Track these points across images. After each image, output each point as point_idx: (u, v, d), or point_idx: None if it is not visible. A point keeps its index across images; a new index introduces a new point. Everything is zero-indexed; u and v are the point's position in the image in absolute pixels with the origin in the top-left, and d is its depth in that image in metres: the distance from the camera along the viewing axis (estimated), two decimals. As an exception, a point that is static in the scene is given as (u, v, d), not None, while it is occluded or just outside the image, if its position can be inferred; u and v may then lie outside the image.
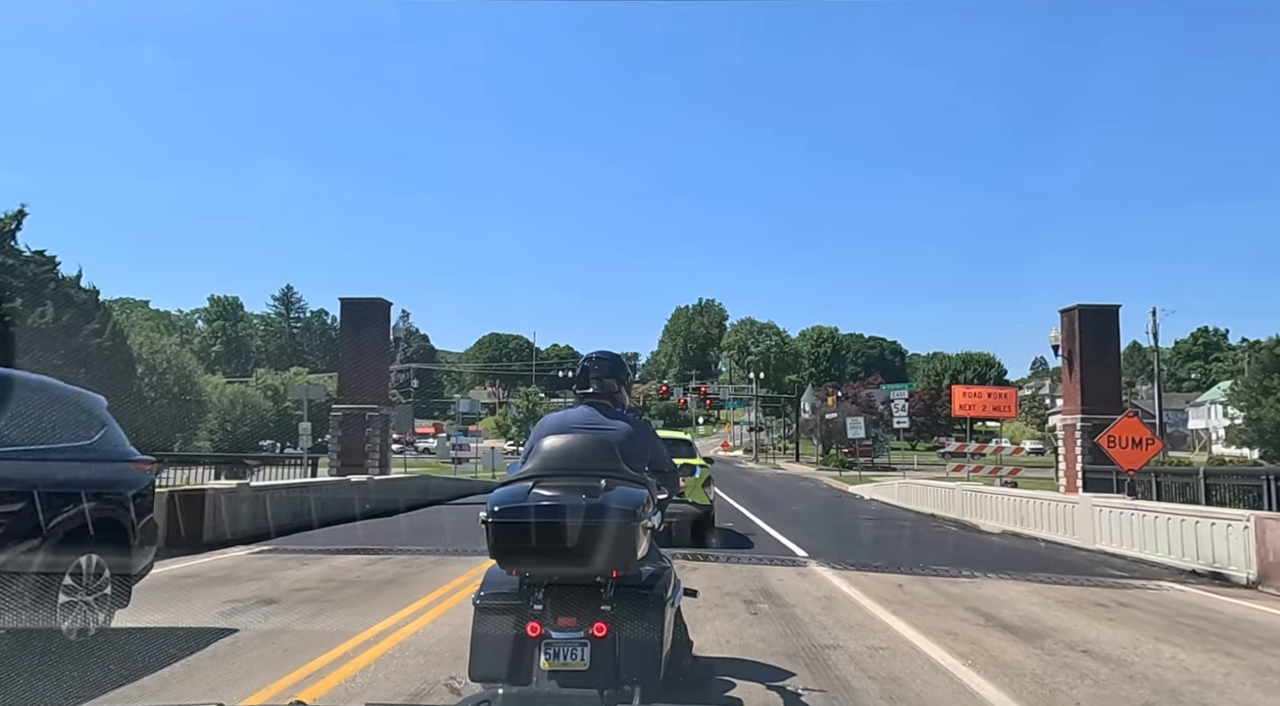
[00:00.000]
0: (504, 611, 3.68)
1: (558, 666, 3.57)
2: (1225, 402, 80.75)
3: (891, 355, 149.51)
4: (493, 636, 3.68)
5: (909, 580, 9.84)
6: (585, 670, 3.56)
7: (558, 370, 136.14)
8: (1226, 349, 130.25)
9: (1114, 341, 25.32)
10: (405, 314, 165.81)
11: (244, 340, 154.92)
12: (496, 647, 3.66)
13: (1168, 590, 9.83)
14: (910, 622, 7.09)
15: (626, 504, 3.69)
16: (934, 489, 23.41)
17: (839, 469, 56.55)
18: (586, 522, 3.57)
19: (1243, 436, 62.67)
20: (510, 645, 3.63)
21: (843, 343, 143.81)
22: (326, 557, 11.39)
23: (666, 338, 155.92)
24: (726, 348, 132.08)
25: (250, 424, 33.87)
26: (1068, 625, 7.26)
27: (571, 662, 3.57)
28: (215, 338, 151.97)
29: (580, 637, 3.59)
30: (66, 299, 22.41)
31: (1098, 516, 13.95)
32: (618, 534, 3.61)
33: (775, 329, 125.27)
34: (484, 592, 3.79)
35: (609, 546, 3.58)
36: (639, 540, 3.72)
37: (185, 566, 10.51)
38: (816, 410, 67.35)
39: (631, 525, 3.65)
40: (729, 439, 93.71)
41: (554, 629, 3.60)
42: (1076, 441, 24.65)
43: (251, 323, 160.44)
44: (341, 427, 25.39)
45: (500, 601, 3.72)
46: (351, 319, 26.14)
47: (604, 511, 3.62)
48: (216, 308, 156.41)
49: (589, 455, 3.93)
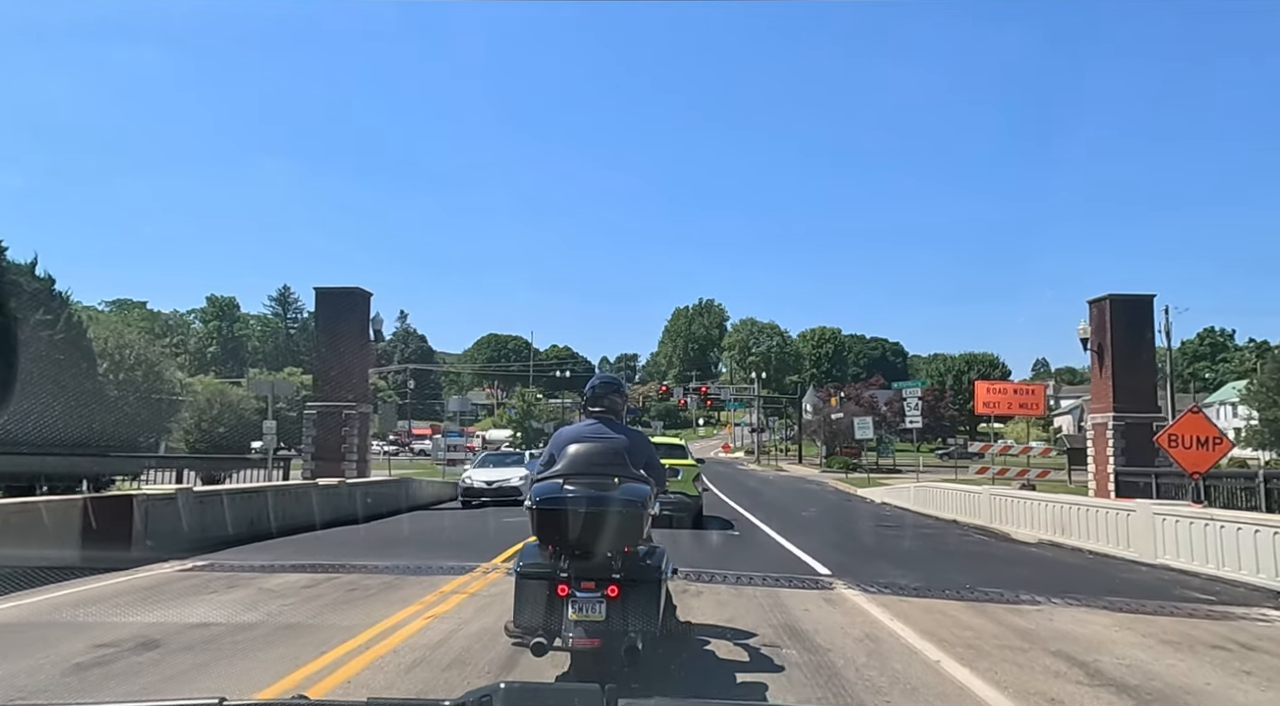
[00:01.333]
0: (539, 577, 4.70)
1: (581, 618, 4.55)
2: (1237, 403, 79.22)
3: (893, 356, 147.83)
4: (531, 597, 4.70)
5: (961, 608, 8.05)
6: (602, 621, 4.55)
7: (555, 370, 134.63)
8: (1234, 350, 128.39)
9: (1148, 334, 23.54)
10: (403, 314, 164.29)
11: (240, 341, 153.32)
12: (535, 603, 4.68)
13: (1277, 622, 8.04)
14: (992, 681, 5.31)
15: (635, 496, 4.83)
16: (954, 492, 21.60)
17: (844, 471, 54.78)
18: (605, 510, 4.68)
19: (1259, 437, 61.00)
20: (545, 601, 4.64)
21: (844, 343, 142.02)
22: (263, 576, 9.63)
23: (666, 338, 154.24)
24: (727, 348, 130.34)
25: (227, 424, 32.10)
26: (1197, 682, 5.47)
27: (592, 615, 4.56)
28: (211, 338, 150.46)
29: (599, 597, 4.58)
30: (14, 286, 20.66)
31: (1160, 526, 12.14)
32: (628, 519, 4.72)
33: (776, 329, 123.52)
34: (522, 563, 4.86)
35: (621, 528, 4.68)
36: (644, 524, 4.93)
37: (87, 589, 8.76)
38: (819, 411, 65.52)
39: (639, 513, 4.80)
40: (730, 440, 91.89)
41: (578, 590, 4.59)
42: (1108, 442, 22.87)
43: (248, 323, 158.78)
44: (316, 426, 23.58)
45: (536, 569, 4.75)
46: (327, 310, 24.33)
47: (618, 502, 4.75)
48: (214, 308, 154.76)
49: (604, 459, 5.05)
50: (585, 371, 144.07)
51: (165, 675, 5.22)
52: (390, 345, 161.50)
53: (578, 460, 5.07)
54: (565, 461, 5.08)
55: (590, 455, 5.10)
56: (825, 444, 62.25)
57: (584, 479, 4.91)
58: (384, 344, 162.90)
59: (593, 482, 4.88)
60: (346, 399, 23.85)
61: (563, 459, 5.12)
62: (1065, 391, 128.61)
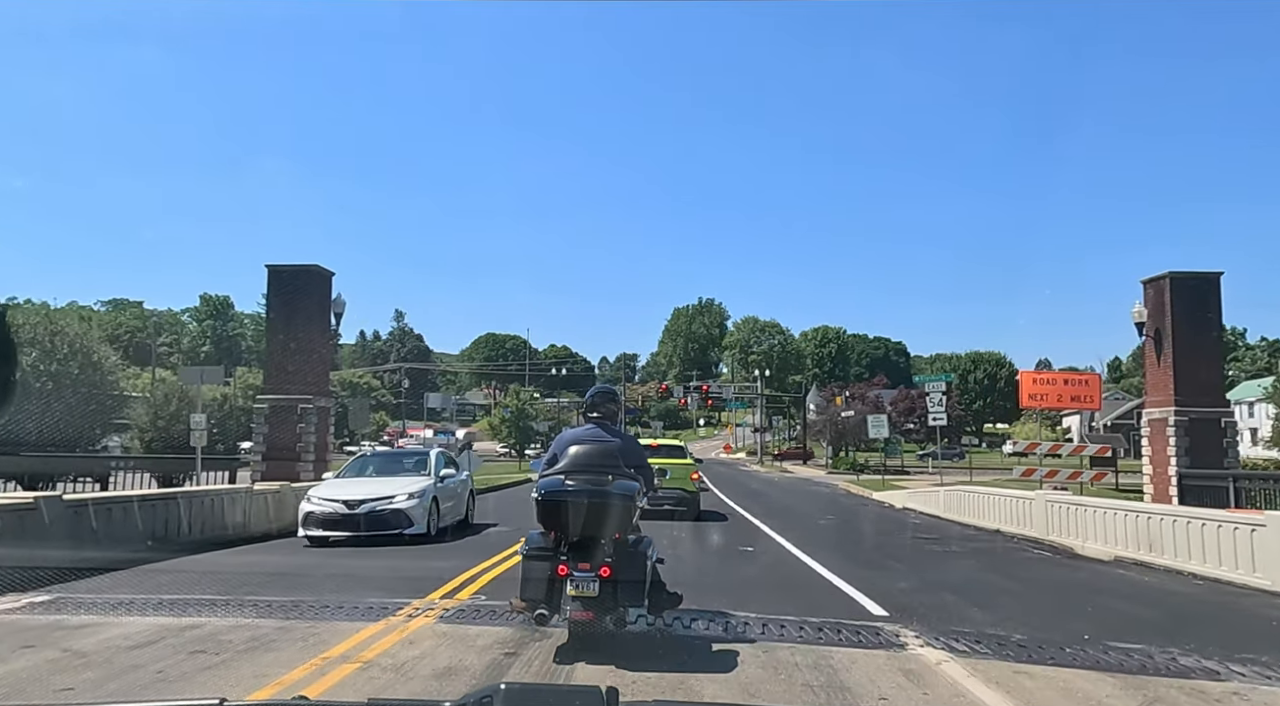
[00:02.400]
0: (542, 558, 5.52)
1: (578, 593, 5.34)
2: (1256, 402, 76.69)
3: (896, 356, 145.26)
4: (535, 575, 5.49)
5: (1114, 687, 5.26)
6: (595, 597, 5.33)
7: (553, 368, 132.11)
8: (1245, 348, 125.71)
9: (1214, 318, 20.70)
10: (399, 314, 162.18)
11: (235, 340, 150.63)
12: (538, 581, 5.46)
13: None
14: None
15: (626, 490, 5.74)
16: (998, 498, 18.78)
17: (852, 472, 52.08)
18: (600, 502, 5.56)
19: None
20: (547, 580, 5.43)
21: (848, 343, 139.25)
22: (102, 623, 6.90)
23: (666, 338, 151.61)
24: (728, 347, 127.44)
25: (186, 421, 29.40)
26: None
27: (587, 591, 5.33)
28: (205, 337, 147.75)
29: (593, 576, 5.34)
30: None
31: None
32: (620, 510, 5.62)
33: (779, 328, 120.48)
34: (528, 547, 5.67)
35: (614, 517, 5.55)
36: (633, 515, 5.86)
37: None
38: (822, 411, 62.67)
39: (629, 504, 5.74)
40: (731, 441, 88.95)
41: (576, 570, 5.36)
42: (1169, 440, 20.05)
43: (242, 322, 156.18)
44: (268, 423, 20.79)
45: (539, 552, 5.57)
46: (281, 291, 21.48)
47: (612, 495, 5.63)
48: (207, 307, 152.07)
49: (600, 459, 5.96)
50: (584, 371, 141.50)
51: None
52: (387, 345, 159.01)
53: (578, 459, 5.95)
54: (567, 460, 5.97)
55: (589, 455, 5.98)
56: (831, 444, 59.40)
57: (583, 475, 5.76)
58: (380, 343, 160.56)
59: (590, 479, 5.72)
60: (303, 392, 21.04)
61: (565, 458, 6.01)
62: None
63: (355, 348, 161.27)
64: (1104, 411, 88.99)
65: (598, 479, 5.66)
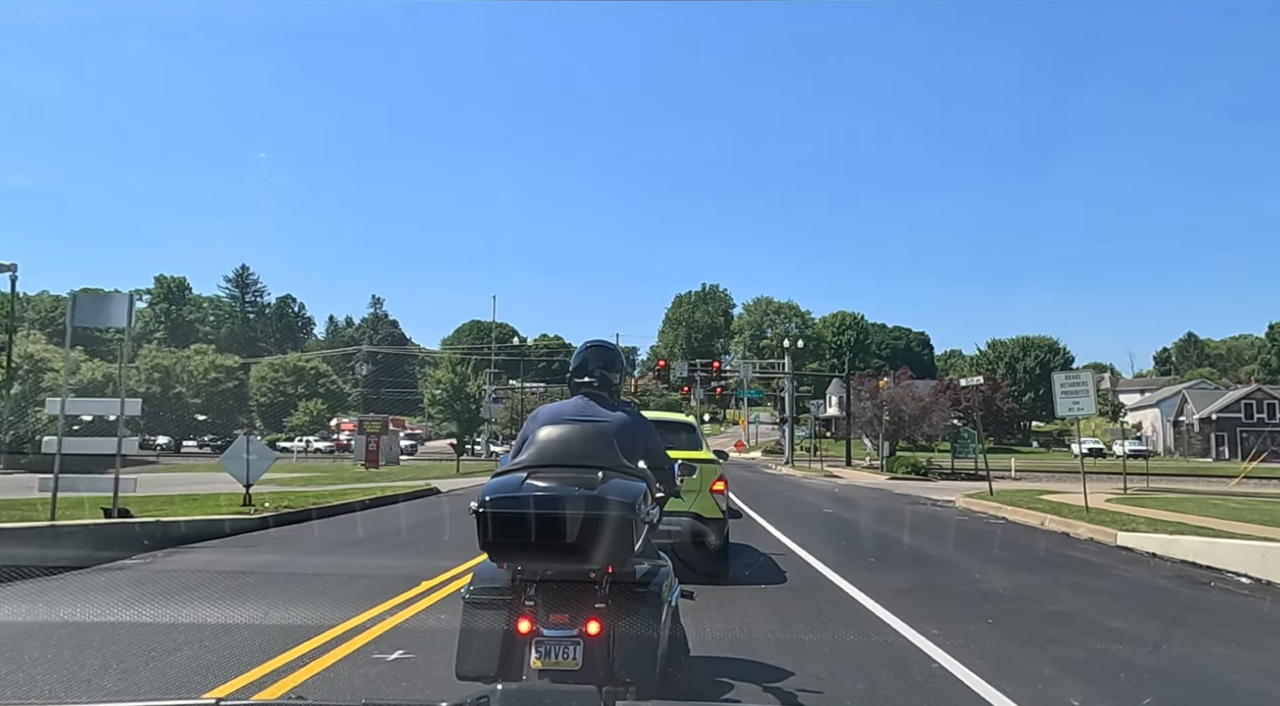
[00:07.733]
0: (494, 607, 3.34)
1: (549, 665, 3.23)
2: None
3: (919, 347, 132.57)
4: (482, 632, 3.31)
5: None
6: (578, 669, 3.22)
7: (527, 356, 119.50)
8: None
9: None
10: (377, 299, 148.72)
11: (191, 325, 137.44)
12: (486, 644, 3.29)
13: None
14: None
15: (624, 496, 3.36)
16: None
17: (919, 475, 38.95)
18: (583, 514, 3.23)
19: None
20: (500, 642, 3.28)
21: (866, 331, 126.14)
22: None
23: (667, 328, 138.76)
24: (737, 331, 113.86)
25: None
26: None
27: (563, 661, 3.23)
28: (159, 321, 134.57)
29: (573, 635, 3.26)
30: None
31: None
32: (615, 527, 3.26)
33: (796, 309, 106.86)
34: (473, 587, 3.44)
35: (605, 540, 3.24)
36: (636, 534, 3.38)
37: None
38: (873, 396, 49.44)
39: (629, 519, 3.31)
40: (743, 437, 75.22)
41: (546, 626, 3.27)
42: None
43: (200, 305, 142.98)
44: None
45: (490, 596, 3.37)
46: None
47: (601, 503, 3.28)
48: (161, 289, 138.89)
49: (586, 446, 3.66)
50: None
51: None
52: (359, 332, 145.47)
53: (549, 447, 3.65)
54: (534, 449, 3.67)
55: (568, 440, 3.68)
56: (888, 439, 45.90)
57: (556, 471, 3.48)
58: (351, 331, 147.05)
59: (567, 477, 3.43)
60: None
61: (530, 446, 3.71)
62: (1123, 384, 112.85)
63: (325, 335, 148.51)
64: (1197, 404, 75.68)
65: (581, 476, 3.37)
